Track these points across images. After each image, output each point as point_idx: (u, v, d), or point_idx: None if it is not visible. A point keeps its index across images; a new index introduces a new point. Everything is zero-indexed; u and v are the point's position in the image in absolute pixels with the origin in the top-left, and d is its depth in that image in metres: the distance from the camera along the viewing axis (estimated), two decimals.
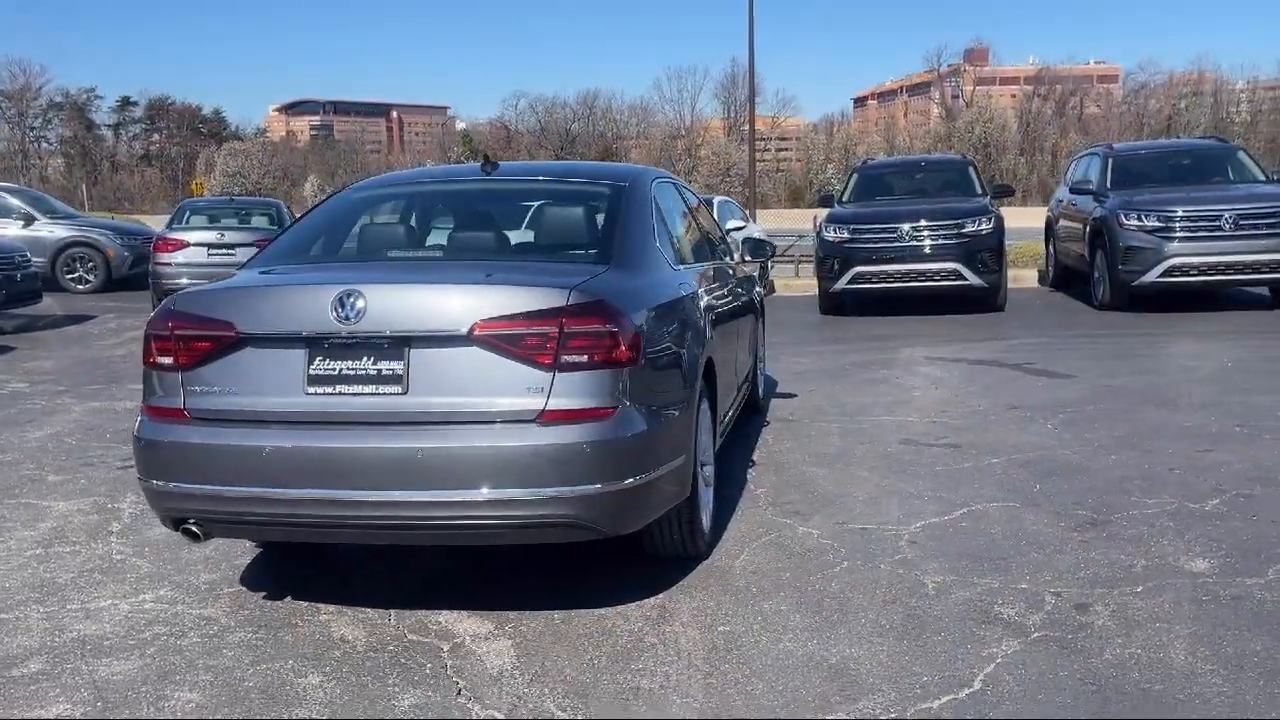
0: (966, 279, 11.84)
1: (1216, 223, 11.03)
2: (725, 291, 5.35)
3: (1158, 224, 11.21)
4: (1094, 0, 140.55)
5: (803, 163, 76.70)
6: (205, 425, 3.54)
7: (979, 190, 13.30)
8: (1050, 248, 14.87)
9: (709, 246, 5.70)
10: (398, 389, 3.42)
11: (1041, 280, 15.46)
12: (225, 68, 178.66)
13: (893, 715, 3.01)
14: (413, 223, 4.56)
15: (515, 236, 4.26)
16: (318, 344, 3.46)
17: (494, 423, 3.38)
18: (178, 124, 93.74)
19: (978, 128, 66.48)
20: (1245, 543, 4.27)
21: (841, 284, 12.23)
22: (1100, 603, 3.74)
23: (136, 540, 4.74)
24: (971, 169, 13.82)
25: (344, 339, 3.44)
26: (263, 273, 4.01)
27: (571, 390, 3.39)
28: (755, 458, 5.91)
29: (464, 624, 3.75)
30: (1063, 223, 13.96)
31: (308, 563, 4.44)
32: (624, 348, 3.47)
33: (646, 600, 3.91)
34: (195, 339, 3.55)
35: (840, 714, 3.03)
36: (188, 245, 13.41)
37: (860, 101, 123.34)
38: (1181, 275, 11.15)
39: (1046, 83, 79.15)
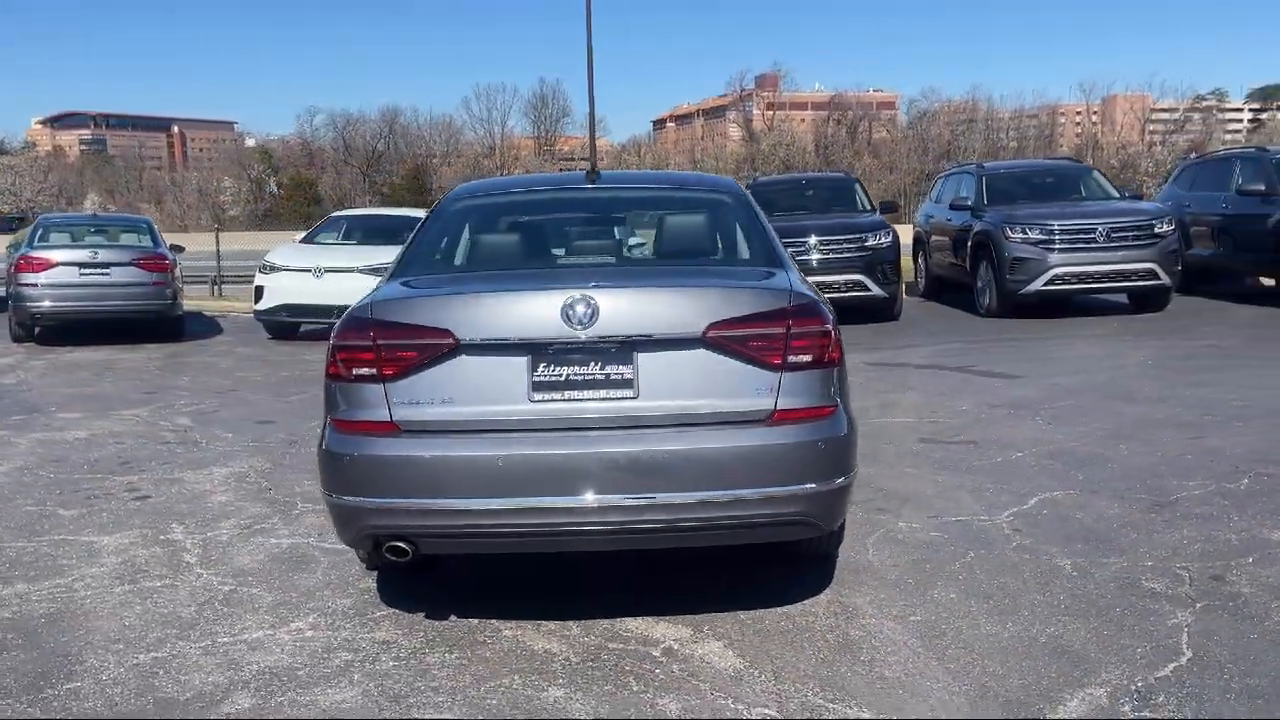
0: (870, 290, 12.43)
1: (1092, 235, 12.04)
2: None
3: (1040, 237, 12.13)
4: (880, 33, 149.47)
5: None
6: (420, 437, 3.38)
7: (865, 206, 14.00)
8: (920, 260, 15.77)
9: None
10: (629, 393, 3.38)
11: (909, 291, 16.35)
12: None
13: (1139, 683, 3.21)
14: (563, 230, 4.48)
15: (669, 242, 4.24)
16: (541, 350, 3.38)
17: (727, 424, 3.40)
18: None
19: (780, 150, 69.29)
20: None
21: None
22: (1230, 574, 4.08)
23: (227, 570, 4.43)
24: (858, 185, 14.54)
25: (571, 344, 3.37)
26: (405, 284, 3.83)
27: (798, 390, 3.45)
28: None
29: (657, 630, 3.72)
30: (935, 237, 14.85)
31: (443, 580, 4.27)
32: (834, 347, 3.57)
33: (817, 597, 3.99)
34: (404, 348, 3.39)
35: (1094, 687, 3.20)
36: (55, 265, 12.35)
37: (660, 124, 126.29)
38: (1063, 284, 12.10)
39: (839, 108, 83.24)
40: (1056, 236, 12.10)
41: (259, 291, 13.08)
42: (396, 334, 3.40)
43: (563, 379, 3.38)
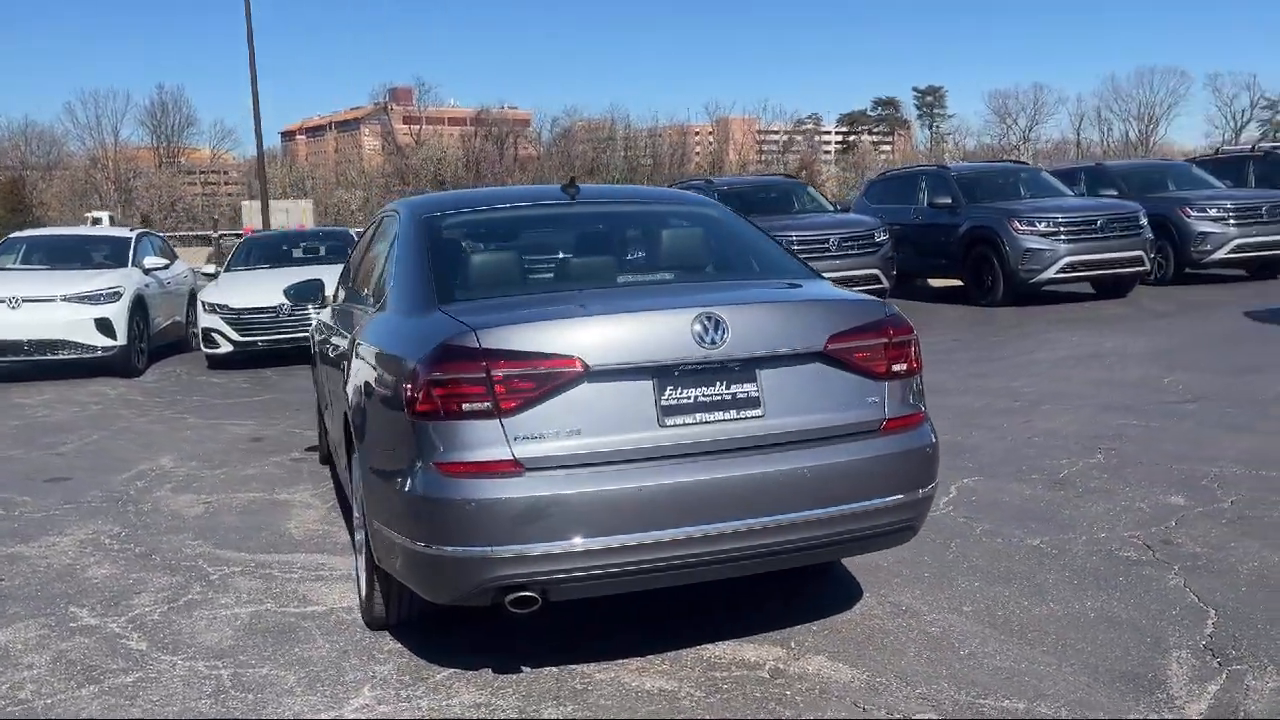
0: None
1: (825, 245, 13.07)
2: None
3: None
4: (520, 52, 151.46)
5: (257, 196, 73.37)
6: (549, 474, 3.06)
7: None
8: None
9: None
10: (757, 411, 3.27)
11: None
12: None
13: (1202, 641, 3.56)
14: (594, 248, 4.18)
15: (695, 256, 4.10)
16: (667, 373, 3.19)
17: (847, 437, 3.38)
18: None
19: (430, 165, 68.68)
20: (1173, 480, 5.38)
21: None
22: (1172, 537, 4.60)
23: (200, 652, 3.78)
24: None
25: (699, 365, 3.21)
26: (454, 312, 3.42)
27: (898, 398, 3.51)
28: None
29: (745, 652, 3.63)
30: None
31: (478, 629, 3.86)
32: (918, 355, 3.67)
33: (865, 600, 4.07)
34: (524, 378, 3.05)
35: (1176, 650, 3.50)
36: None
37: (289, 135, 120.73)
38: None
39: (481, 124, 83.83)
40: (795, 247, 12.96)
41: None
42: (516, 363, 3.06)
43: (691, 401, 3.21)
